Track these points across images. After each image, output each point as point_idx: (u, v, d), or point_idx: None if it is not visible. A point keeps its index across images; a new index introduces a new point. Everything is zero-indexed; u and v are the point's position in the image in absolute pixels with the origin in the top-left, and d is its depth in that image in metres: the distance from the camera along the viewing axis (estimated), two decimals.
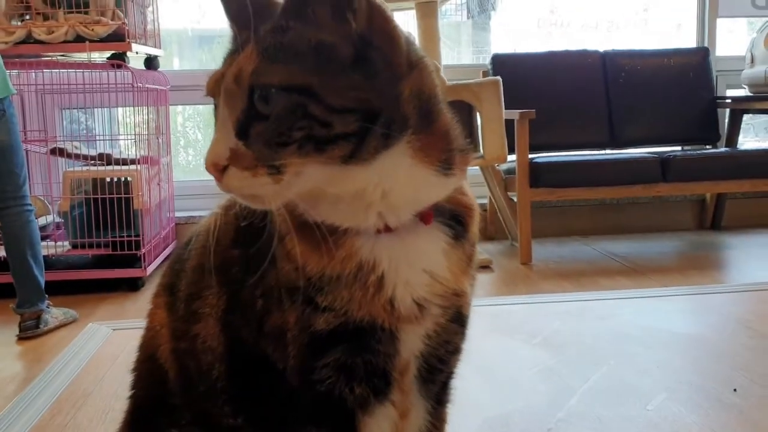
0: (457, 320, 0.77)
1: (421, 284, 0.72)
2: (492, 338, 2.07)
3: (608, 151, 3.59)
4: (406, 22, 3.31)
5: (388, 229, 0.70)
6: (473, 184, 3.51)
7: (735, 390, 1.65)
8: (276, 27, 0.63)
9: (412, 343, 0.75)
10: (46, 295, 2.31)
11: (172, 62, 3.93)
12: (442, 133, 0.69)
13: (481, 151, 2.97)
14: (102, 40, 2.74)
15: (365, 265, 0.70)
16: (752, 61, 3.57)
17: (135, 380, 0.93)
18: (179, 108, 3.94)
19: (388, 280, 0.70)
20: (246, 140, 0.63)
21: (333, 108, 0.61)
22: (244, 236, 0.77)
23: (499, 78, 2.98)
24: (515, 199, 3.18)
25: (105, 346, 2.09)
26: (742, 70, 3.64)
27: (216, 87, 0.66)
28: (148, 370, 0.89)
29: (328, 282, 0.70)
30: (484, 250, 3.14)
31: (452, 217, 0.73)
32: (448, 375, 0.84)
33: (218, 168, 0.63)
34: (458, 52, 4.18)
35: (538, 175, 3.09)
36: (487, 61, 3.60)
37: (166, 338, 0.86)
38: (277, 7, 0.66)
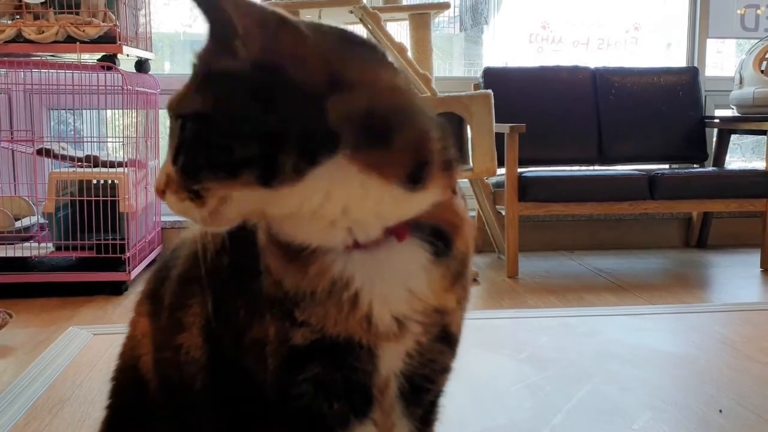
0: (443, 339, 0.76)
1: (400, 300, 0.70)
2: (476, 352, 2.06)
3: (597, 168, 3.60)
4: (399, 33, 3.31)
5: (361, 245, 0.68)
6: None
7: (720, 411, 1.64)
8: (198, 53, 0.66)
9: (391, 361, 0.73)
10: None
11: (163, 66, 3.91)
12: (405, 148, 0.65)
13: (471, 163, 2.97)
14: (93, 42, 2.71)
15: (338, 281, 0.68)
16: (741, 82, 3.60)
17: (113, 390, 0.91)
18: None
19: (363, 296, 0.69)
20: (176, 166, 0.65)
21: (229, 135, 0.61)
22: (233, 245, 0.75)
23: (490, 91, 2.98)
24: (503, 213, 3.18)
25: (85, 351, 2.06)
26: (731, 90, 3.67)
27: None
28: (128, 380, 0.88)
29: (303, 298, 0.69)
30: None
31: (434, 233, 0.71)
32: (436, 394, 0.82)
33: (159, 192, 0.66)
34: (450, 64, 4.19)
35: (527, 189, 3.10)
36: (479, 74, 3.61)
37: (148, 348, 0.85)
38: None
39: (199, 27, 0.67)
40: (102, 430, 0.92)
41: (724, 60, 4.22)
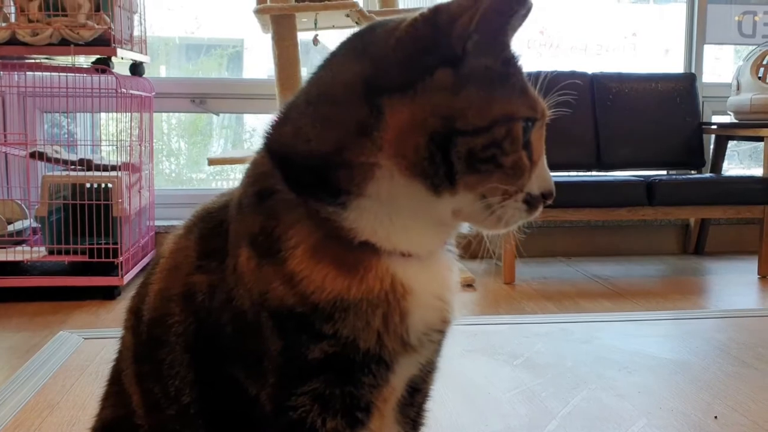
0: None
1: (436, 310, 0.69)
2: (472, 358, 2.04)
3: (594, 173, 3.59)
4: None
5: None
6: None
7: (716, 417, 1.62)
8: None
9: (406, 372, 0.72)
10: None
11: (158, 70, 3.89)
12: None
13: None
14: (87, 45, 2.70)
15: (397, 289, 0.66)
16: (738, 88, 3.59)
17: (104, 398, 0.91)
18: (163, 116, 3.90)
19: (413, 305, 0.67)
20: None
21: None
22: (207, 260, 0.74)
23: None
24: None
25: (75, 355, 2.03)
26: (728, 96, 3.66)
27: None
28: (116, 392, 0.88)
29: (343, 308, 0.66)
30: (467, 269, 3.12)
31: None
32: (425, 395, 0.82)
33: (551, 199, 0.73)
34: None
35: None
36: None
37: (130, 361, 0.84)
38: None
39: (201, 32, 0.65)
40: None
41: (721, 66, 4.21)
